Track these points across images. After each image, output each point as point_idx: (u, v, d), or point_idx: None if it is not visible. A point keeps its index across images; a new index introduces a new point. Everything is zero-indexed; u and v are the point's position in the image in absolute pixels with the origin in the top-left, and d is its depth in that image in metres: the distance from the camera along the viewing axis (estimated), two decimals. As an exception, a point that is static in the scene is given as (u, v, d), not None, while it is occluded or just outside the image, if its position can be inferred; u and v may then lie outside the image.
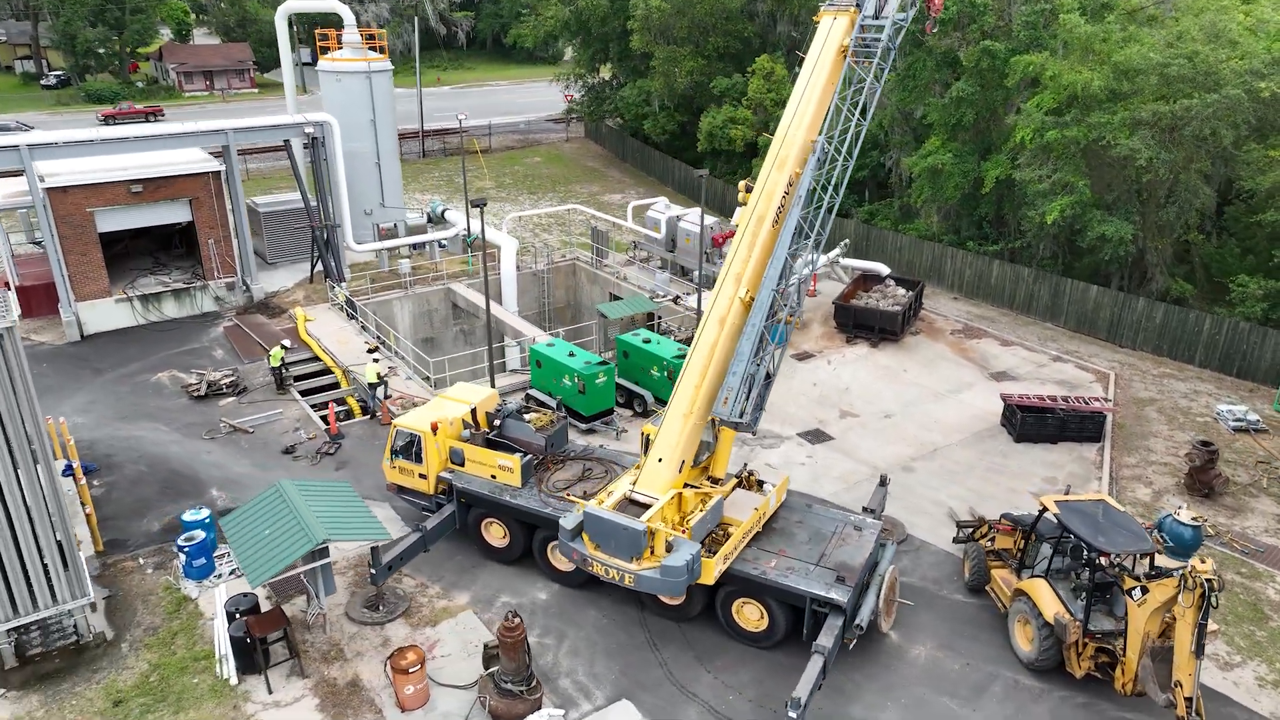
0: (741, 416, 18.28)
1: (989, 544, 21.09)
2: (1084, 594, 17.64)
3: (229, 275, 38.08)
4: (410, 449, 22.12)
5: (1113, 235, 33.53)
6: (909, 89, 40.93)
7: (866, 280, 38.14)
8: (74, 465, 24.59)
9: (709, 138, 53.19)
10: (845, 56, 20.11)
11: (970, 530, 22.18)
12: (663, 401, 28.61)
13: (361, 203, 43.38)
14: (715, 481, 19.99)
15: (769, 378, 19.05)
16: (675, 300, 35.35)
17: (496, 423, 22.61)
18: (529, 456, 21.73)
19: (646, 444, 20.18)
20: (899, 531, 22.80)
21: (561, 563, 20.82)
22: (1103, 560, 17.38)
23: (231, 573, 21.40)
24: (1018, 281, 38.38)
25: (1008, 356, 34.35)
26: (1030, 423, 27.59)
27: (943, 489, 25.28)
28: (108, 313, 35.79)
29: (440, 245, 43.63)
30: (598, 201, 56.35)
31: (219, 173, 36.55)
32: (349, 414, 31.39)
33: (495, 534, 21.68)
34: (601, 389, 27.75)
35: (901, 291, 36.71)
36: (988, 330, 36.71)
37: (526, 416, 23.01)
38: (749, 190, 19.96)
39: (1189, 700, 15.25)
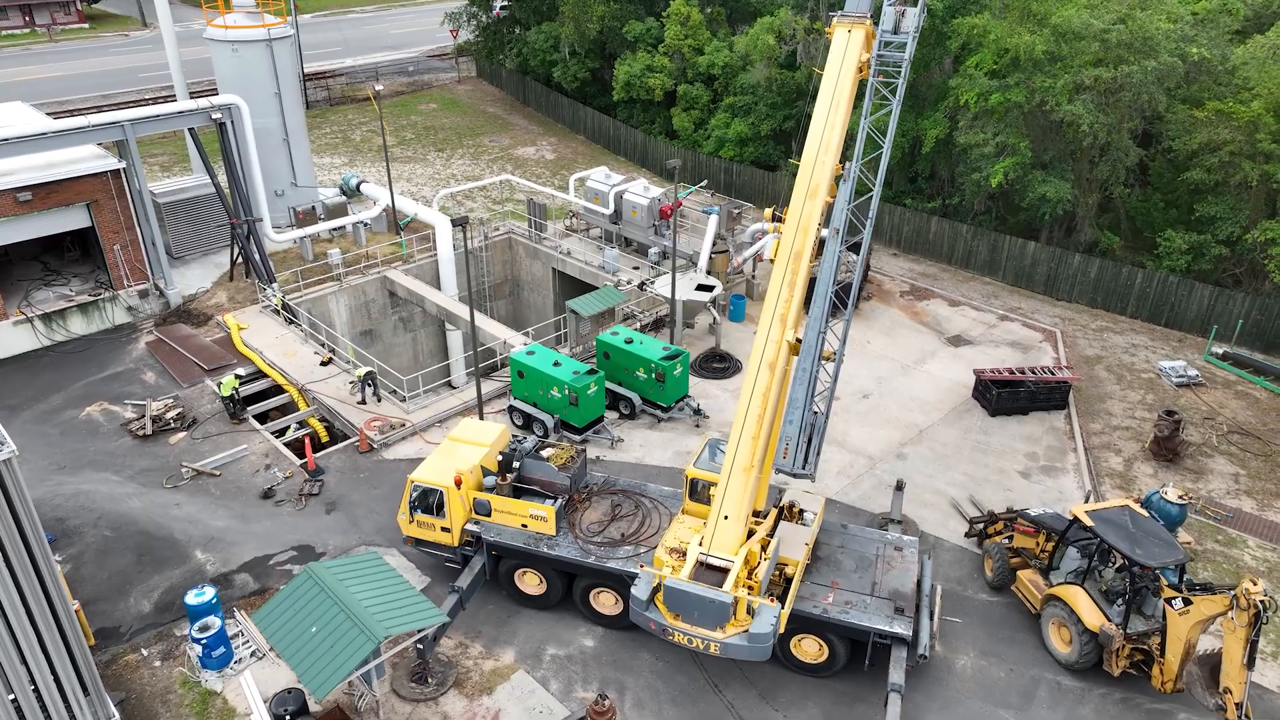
0: (804, 467, 18.20)
1: (1006, 541, 22.12)
2: (1121, 600, 18.81)
3: (140, 281, 34.59)
4: (430, 503, 21.03)
5: (1053, 196, 34.76)
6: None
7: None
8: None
9: (626, 87, 51.38)
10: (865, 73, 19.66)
11: (982, 526, 23.19)
12: (651, 403, 28.30)
13: (272, 184, 39.89)
14: (756, 514, 19.98)
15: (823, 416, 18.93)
16: (641, 287, 34.54)
17: (515, 465, 21.72)
18: (559, 501, 21.07)
19: (692, 488, 19.90)
20: (912, 529, 23.57)
21: (605, 606, 20.55)
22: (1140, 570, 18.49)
23: (252, 654, 20.09)
24: (956, 238, 39.45)
25: (959, 319, 35.52)
26: (1004, 397, 28.82)
27: (939, 476, 26.22)
28: (4, 337, 32.02)
29: (364, 225, 40.83)
30: (512, 157, 53.92)
31: (119, 170, 32.69)
32: (314, 438, 29.54)
33: (530, 582, 21.11)
34: (593, 399, 27.06)
35: (853, 256, 37.00)
36: (934, 290, 37.76)
37: (544, 453, 22.20)
38: (779, 220, 19.41)
39: (1239, 705, 16.68)
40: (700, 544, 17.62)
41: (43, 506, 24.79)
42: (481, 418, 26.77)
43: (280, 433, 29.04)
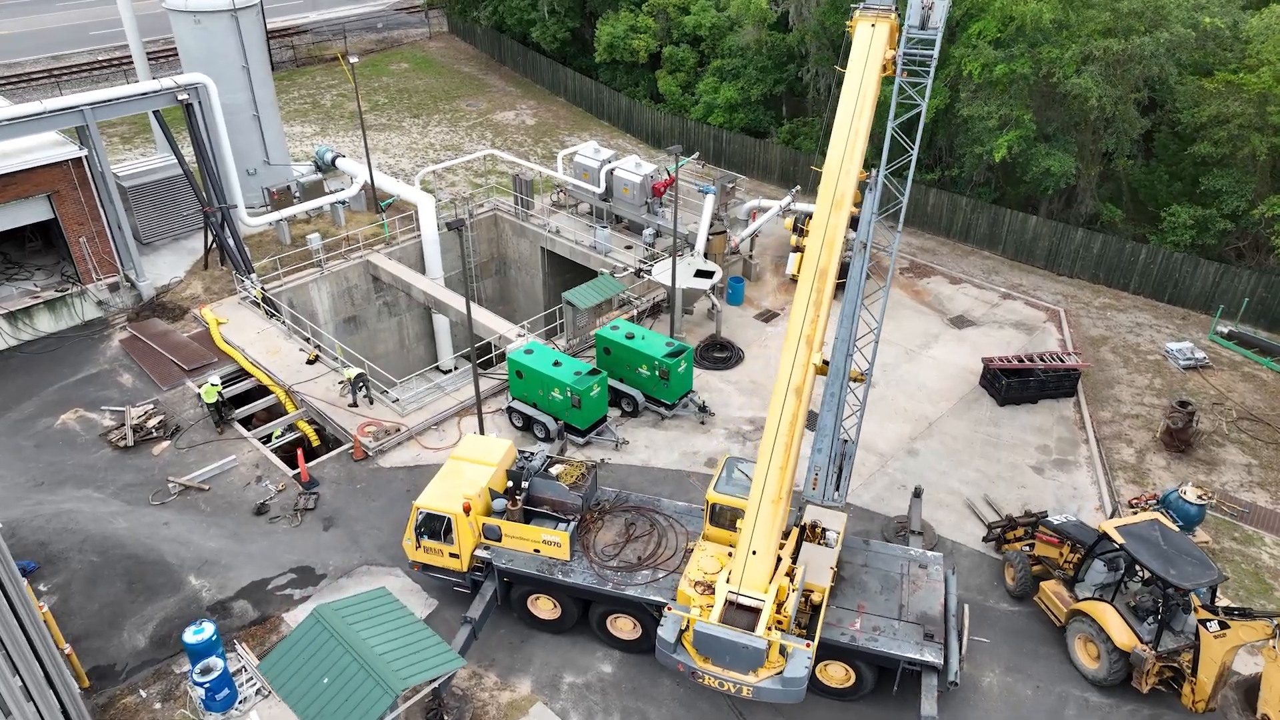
0: (835, 498, 17.49)
1: (1027, 549, 21.71)
2: (1151, 618, 18.47)
3: (109, 274, 32.86)
4: (438, 529, 20.14)
5: (1057, 170, 33.87)
6: (840, 9, 38.87)
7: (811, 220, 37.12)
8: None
9: (609, 49, 49.37)
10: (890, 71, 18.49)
11: (1000, 531, 22.77)
12: (655, 400, 27.44)
13: (243, 163, 38.01)
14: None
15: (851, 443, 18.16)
16: (638, 274, 33.35)
17: (524, 485, 20.83)
18: (572, 525, 20.27)
19: (713, 513, 19.16)
20: (930, 535, 23.11)
21: (623, 631, 19.94)
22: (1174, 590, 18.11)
23: (257, 692, 19.28)
24: (955, 211, 38.52)
25: (960, 298, 34.80)
26: (1013, 387, 28.27)
27: (952, 474, 25.72)
28: (-31, 338, 30.36)
29: (342, 205, 39.08)
30: (491, 123, 51.93)
31: (80, 158, 30.72)
32: (305, 443, 28.44)
33: (544, 607, 20.41)
34: (596, 400, 26.13)
35: (851, 234, 36.01)
36: (934, 266, 36.94)
37: (554, 470, 21.32)
38: (801, 232, 18.38)
39: (1277, 732, 16.49)
40: (728, 580, 16.93)
41: (23, 529, 23.65)
42: (481, 424, 25.78)
43: (268, 438, 27.88)
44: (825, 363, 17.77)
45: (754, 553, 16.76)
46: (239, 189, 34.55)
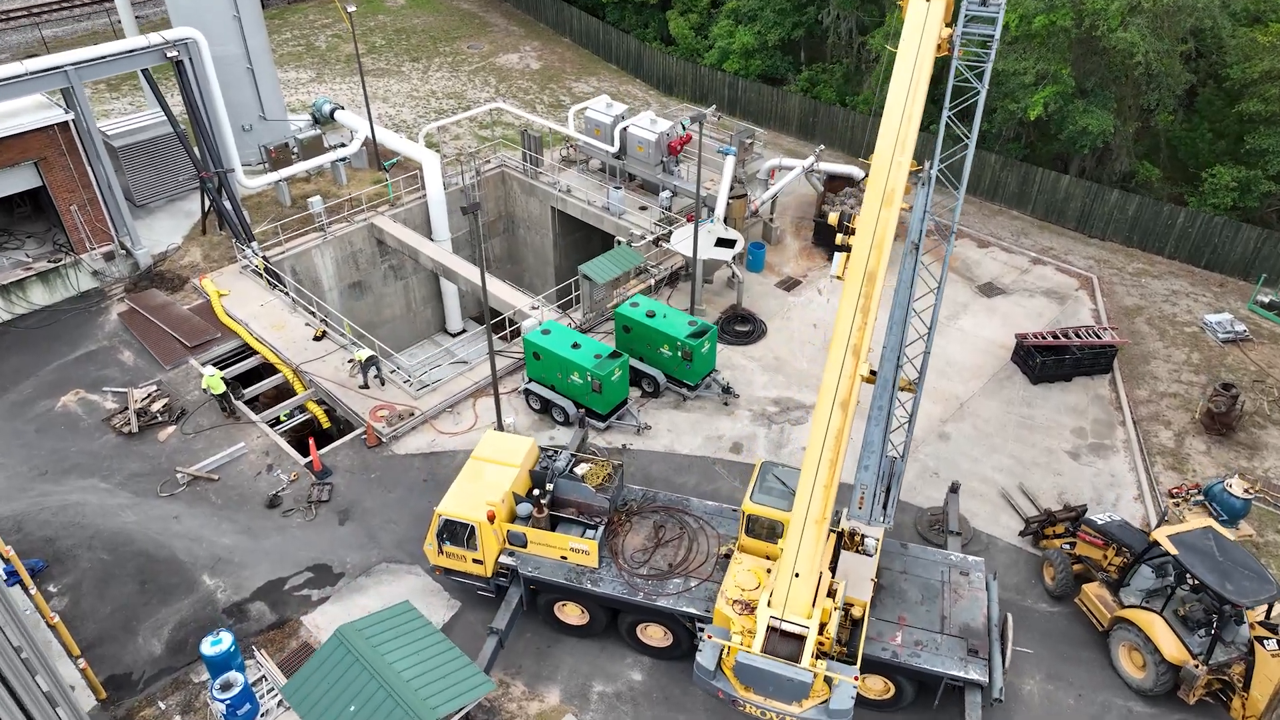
0: (883, 520, 16.65)
1: (1068, 548, 21.03)
2: (1203, 630, 17.87)
3: (104, 243, 31.49)
4: (460, 535, 19.38)
5: (1095, 129, 32.25)
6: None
7: (834, 180, 35.66)
8: (15, 568, 20.47)
9: (617, -12, 46.93)
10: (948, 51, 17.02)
11: (1038, 526, 22.06)
12: (676, 381, 26.48)
13: (238, 119, 36.21)
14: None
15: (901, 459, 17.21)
16: (656, 242, 31.96)
17: (549, 487, 20.00)
18: (600, 531, 19.49)
19: (748, 524, 18.34)
20: (966, 530, 22.40)
21: (653, 639, 19.36)
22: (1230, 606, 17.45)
23: (279, 704, 18.77)
24: (983, 168, 36.90)
25: (989, 263, 33.53)
26: (1048, 365, 27.28)
27: (985, 460, 24.92)
28: (-39, 314, 29.21)
29: (343, 162, 37.37)
30: (495, 68, 49.69)
31: (67, 122, 29.06)
32: (315, 426, 27.57)
33: (572, 613, 19.80)
34: (617, 384, 25.14)
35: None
36: (960, 226, 35.37)
37: (578, 470, 20.47)
38: (847, 230, 17.13)
39: (1334, 757, 16.00)
40: (769, 603, 16.21)
41: (29, 523, 22.92)
42: (498, 409, 24.82)
43: (277, 421, 26.96)
44: (873, 373, 16.72)
45: (797, 575, 15.99)
46: (235, 151, 32.92)
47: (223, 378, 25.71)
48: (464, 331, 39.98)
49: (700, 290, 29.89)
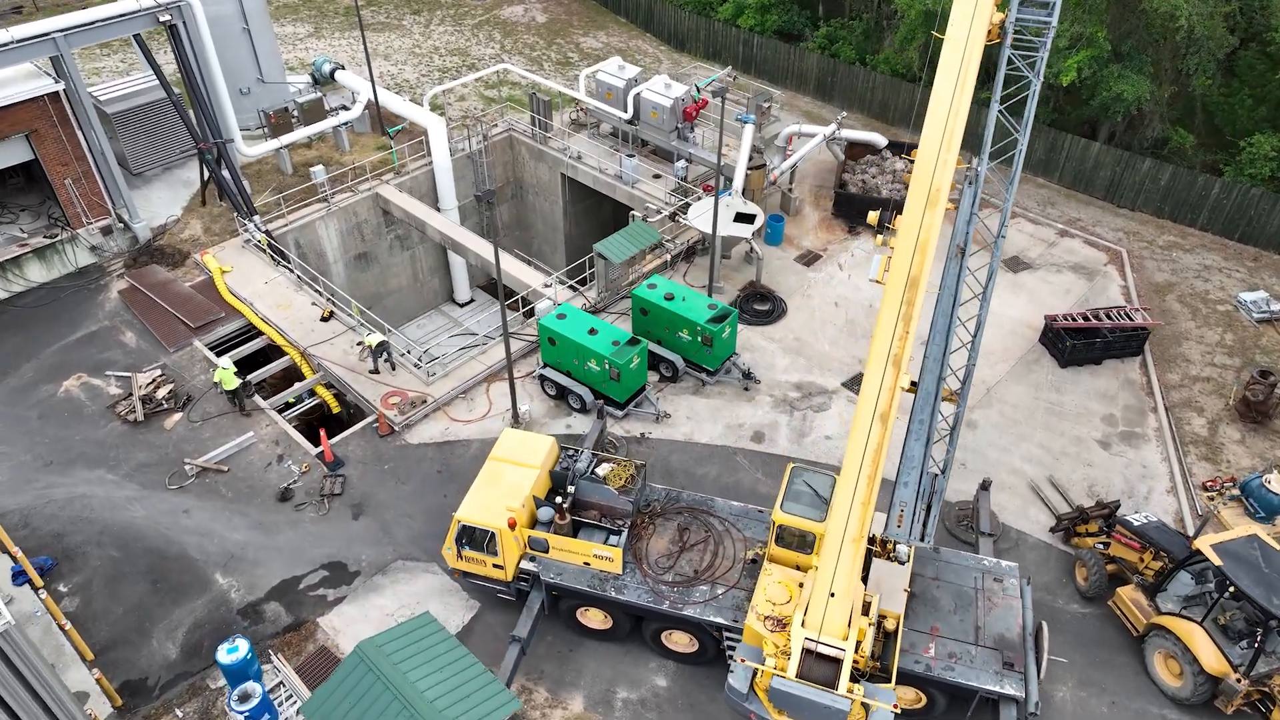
0: (923, 539, 16.04)
1: (1101, 547, 20.51)
2: (1245, 642, 17.43)
3: (101, 216, 30.45)
4: (480, 541, 18.83)
5: (1130, 95, 30.92)
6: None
7: (854, 147, 34.39)
8: (24, 567, 20.05)
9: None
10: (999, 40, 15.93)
11: (1070, 523, 21.52)
12: (696, 366, 25.74)
13: (235, 82, 34.76)
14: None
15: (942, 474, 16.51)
16: (672, 217, 30.84)
17: (570, 489, 19.39)
18: (624, 535, 18.93)
19: (779, 535, 17.75)
20: (997, 529, 21.84)
21: (679, 644, 18.95)
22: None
23: (298, 712, 18.44)
24: (1006, 133, 35.45)
25: (1014, 234, 32.46)
26: (1078, 349, 26.48)
27: (1013, 449, 24.28)
28: (-44, 292, 28.34)
29: (345, 127, 36.03)
30: (499, 21, 47.83)
31: (58, 93, 27.81)
32: (325, 411, 26.91)
33: (595, 618, 19.36)
34: (635, 372, 24.39)
35: (900, 164, 33.42)
36: (983, 194, 34.26)
37: (600, 471, 19.84)
38: (886, 230, 16.21)
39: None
40: (803, 623, 15.70)
41: (36, 518, 22.41)
42: (513, 397, 24.13)
43: (286, 407, 26.27)
44: (914, 384, 15.95)
45: (832, 595, 15.46)
46: (234, 119, 31.63)
47: (235, 373, 24.85)
48: (472, 301, 39.10)
49: (718, 267, 28.93)
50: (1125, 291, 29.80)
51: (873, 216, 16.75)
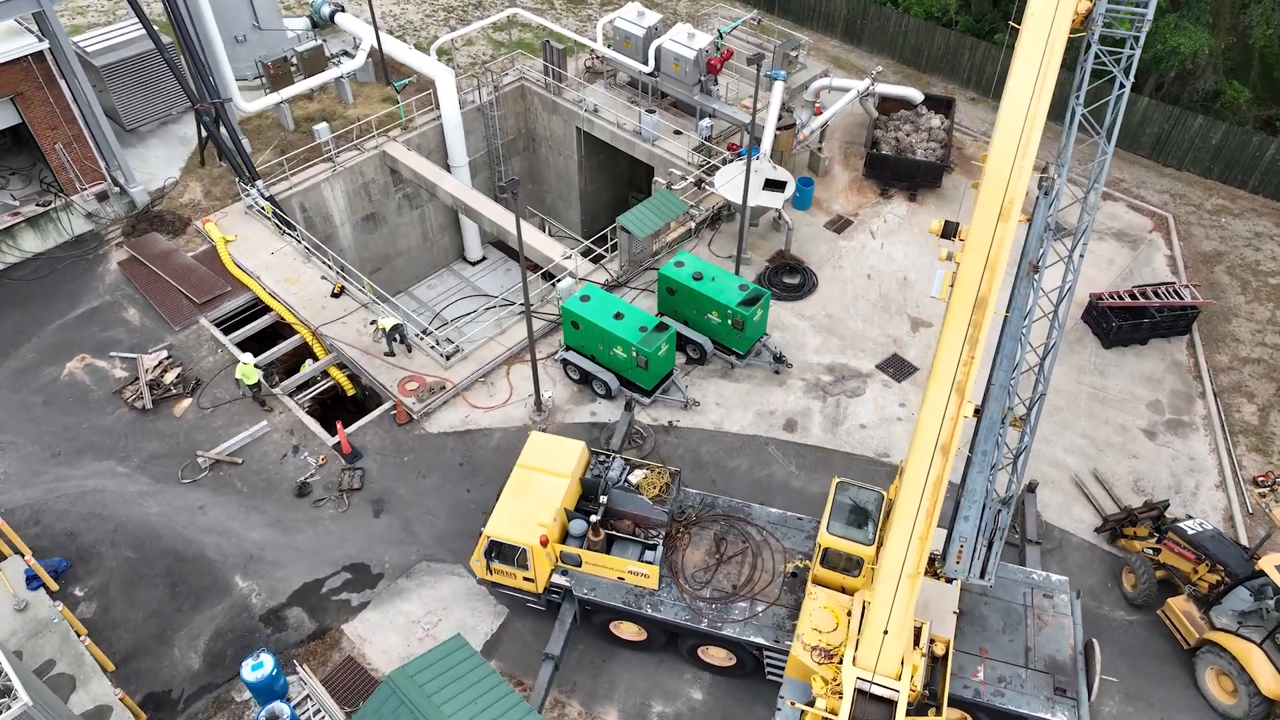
0: (983, 576, 15.23)
1: (1151, 553, 19.82)
2: (1304, 667, 16.87)
3: (95, 181, 28.93)
4: (510, 555, 18.11)
5: (1187, 49, 28.97)
6: None
7: (887, 102, 32.51)
8: (37, 570, 19.41)
9: None
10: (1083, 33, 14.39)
11: (1116, 524, 20.79)
12: (724, 349, 24.69)
13: (229, 29, 32.80)
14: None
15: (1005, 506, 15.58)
16: (699, 184, 29.23)
17: (602, 500, 18.58)
18: (660, 550, 18.18)
19: (824, 556, 16.98)
20: (1042, 531, 21.08)
21: (715, 658, 18.43)
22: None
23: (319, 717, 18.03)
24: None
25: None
26: (1124, 329, 25.34)
27: (1055, 440, 23.37)
28: (-51, 265, 27.08)
29: (348, 76, 34.06)
30: (506, -47, 44.90)
31: (42, 52, 26.00)
32: (338, 391, 25.96)
33: (629, 630, 18.79)
34: (664, 359, 23.34)
35: (936, 121, 31.62)
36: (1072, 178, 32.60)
37: (633, 479, 19.00)
38: (951, 237, 14.93)
39: None
40: (854, 661, 15.04)
41: (46, 514, 21.73)
42: (536, 385, 23.14)
43: (297, 391, 25.28)
44: (978, 411, 14.92)
45: (886, 633, 14.77)
46: (230, 74, 29.77)
47: (259, 370, 23.76)
48: (484, 259, 37.74)
49: (746, 238, 27.52)
50: (1171, 262, 28.48)
51: (934, 226, 15.39)
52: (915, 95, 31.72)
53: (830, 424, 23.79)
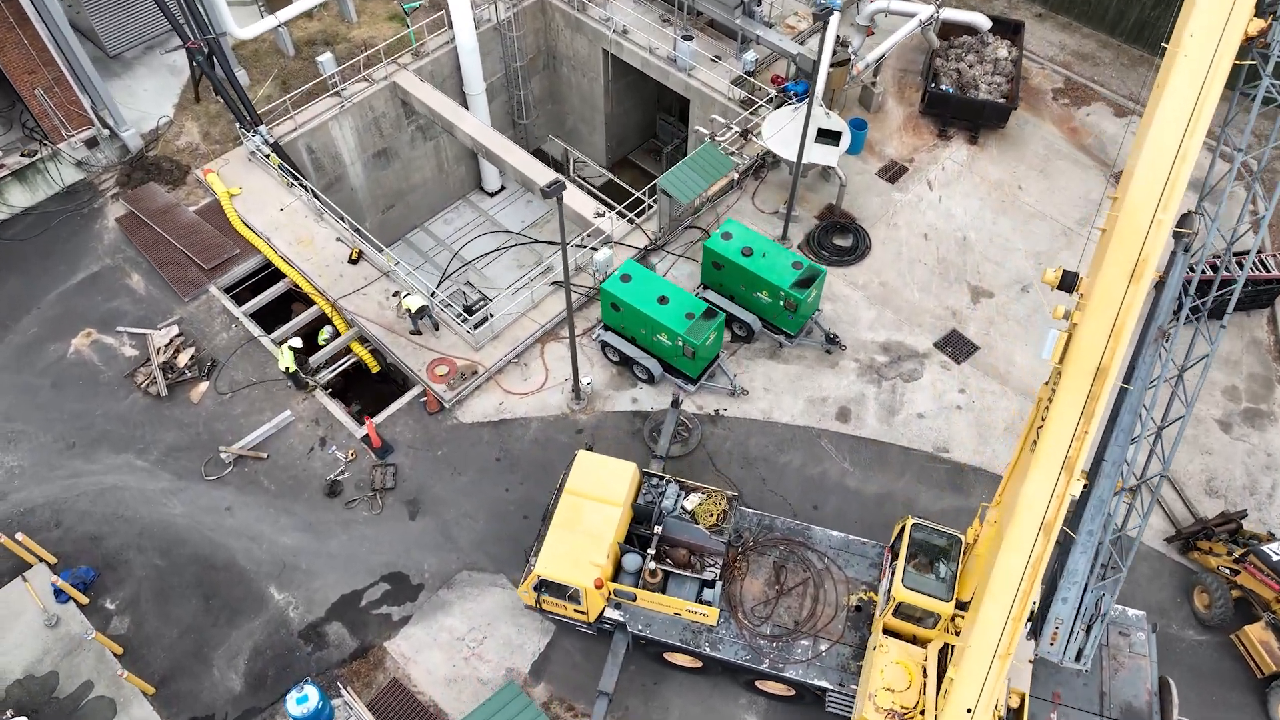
0: (1079, 660, 14.25)
1: (1229, 573, 18.94)
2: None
3: (83, 127, 26.46)
4: (562, 592, 17.22)
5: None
6: None
7: (948, 26, 29.36)
8: (64, 587, 18.73)
9: None
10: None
11: (1189, 537, 19.82)
12: (773, 328, 23.10)
13: (216, -58, 29.24)
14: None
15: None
16: (745, 135, 26.60)
17: (657, 530, 17.52)
18: (719, 586, 17.25)
19: (897, 609, 16.01)
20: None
21: (773, 688, 17.86)
22: None
23: (373, 752, 17.70)
24: (1127, 1, 30.34)
25: (1106, 124, 28.48)
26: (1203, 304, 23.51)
27: (1125, 432, 22.06)
28: (-67, 226, 25.10)
29: (350, -9, 30.81)
30: None
31: (10, -11, 23.13)
32: (362, 367, 24.53)
33: (684, 658, 18.12)
34: (711, 346, 21.79)
35: (1003, 52, 28.61)
36: (1095, 85, 29.83)
37: (687, 504, 17.87)
38: (1070, 290, 13.19)
39: None
40: (933, 733, 14.37)
41: (67, 515, 20.83)
42: (575, 372, 21.67)
43: (318, 370, 23.78)
44: (1086, 485, 13.56)
45: (969, 711, 13.98)
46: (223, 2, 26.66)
47: (297, 359, 22.14)
48: (502, 189, 35.38)
49: (796, 197, 25.27)
50: (1254, 217, 26.23)
51: (1050, 276, 13.50)
52: (983, 22, 28.58)
53: (886, 413, 22.46)
